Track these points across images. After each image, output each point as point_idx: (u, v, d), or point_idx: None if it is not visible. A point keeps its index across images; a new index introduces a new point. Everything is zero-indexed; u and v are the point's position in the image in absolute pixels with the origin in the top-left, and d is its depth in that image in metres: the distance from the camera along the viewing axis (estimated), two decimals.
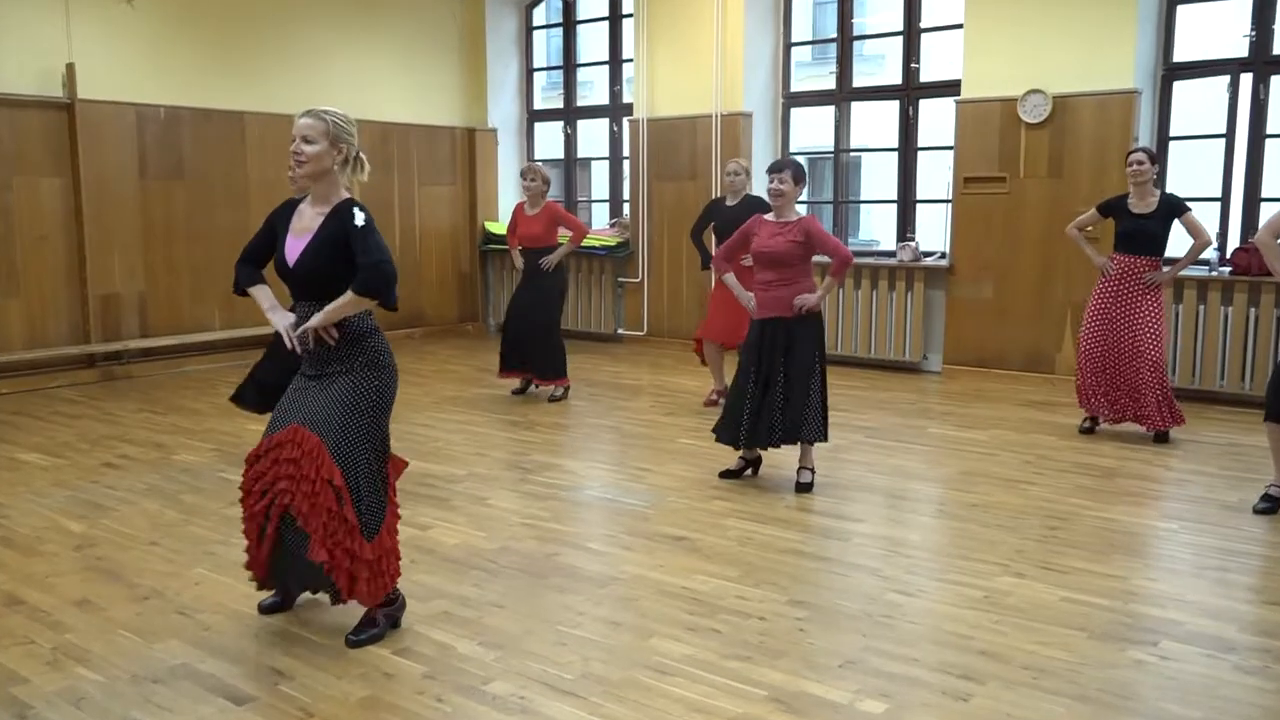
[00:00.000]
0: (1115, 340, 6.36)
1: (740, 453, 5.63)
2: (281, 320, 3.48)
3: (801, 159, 14.96)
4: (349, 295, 3.33)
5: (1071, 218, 7.23)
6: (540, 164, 7.69)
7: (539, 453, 6.22)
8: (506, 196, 11.48)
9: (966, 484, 5.55)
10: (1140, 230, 6.28)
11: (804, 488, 5.35)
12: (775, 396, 5.23)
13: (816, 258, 5.46)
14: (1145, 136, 7.99)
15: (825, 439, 5.36)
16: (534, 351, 7.56)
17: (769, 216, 5.37)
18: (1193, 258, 6.20)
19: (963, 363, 8.72)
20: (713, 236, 7.46)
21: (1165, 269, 6.34)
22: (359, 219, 3.36)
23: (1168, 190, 7.02)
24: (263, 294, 3.57)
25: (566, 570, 4.24)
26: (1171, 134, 8.09)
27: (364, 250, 3.32)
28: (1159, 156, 7.53)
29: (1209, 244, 6.18)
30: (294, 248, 3.43)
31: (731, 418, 5.42)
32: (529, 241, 7.55)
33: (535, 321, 7.53)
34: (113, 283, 8.72)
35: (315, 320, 3.38)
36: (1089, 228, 6.80)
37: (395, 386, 3.50)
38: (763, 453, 5.70)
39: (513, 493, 5.37)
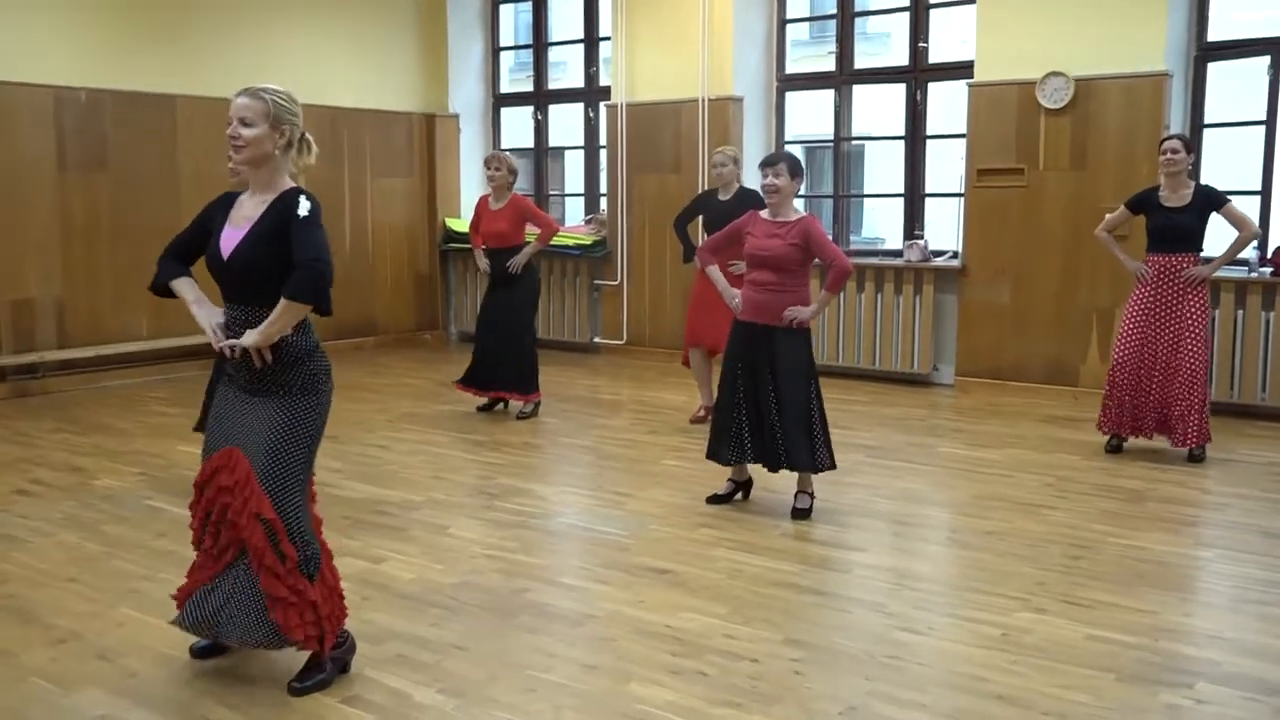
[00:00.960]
0: (1156, 350, 6.43)
1: (730, 475, 5.65)
2: (208, 316, 3.45)
3: (798, 149, 15.04)
4: (282, 304, 3.30)
5: (1096, 213, 7.27)
6: (506, 153, 7.71)
7: (506, 476, 6.21)
8: (470, 190, 11.50)
9: (981, 509, 5.57)
10: (1174, 225, 6.34)
11: (801, 514, 5.37)
12: (769, 415, 5.25)
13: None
14: (1177, 123, 8.06)
15: (833, 465, 5.40)
16: (504, 364, 7.58)
17: (764, 214, 5.39)
18: (1239, 249, 6.28)
19: (977, 374, 8.75)
20: (701, 232, 7.48)
21: (1206, 265, 6.40)
22: (304, 208, 3.32)
23: (1203, 182, 7.06)
24: (186, 286, 3.51)
25: (536, 608, 4.23)
26: (1206, 120, 8.16)
27: (300, 245, 3.28)
28: (1193, 145, 7.55)
29: (1256, 235, 6.24)
30: (230, 239, 3.40)
31: (723, 432, 5.43)
32: (494, 240, 7.56)
33: (507, 332, 7.55)
34: (26, 287, 8.67)
35: (249, 340, 3.35)
36: (1119, 227, 6.84)
37: (328, 409, 3.49)
38: (753, 474, 5.73)
39: (476, 521, 5.35)
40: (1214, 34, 8.14)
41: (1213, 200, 6.32)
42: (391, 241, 11.16)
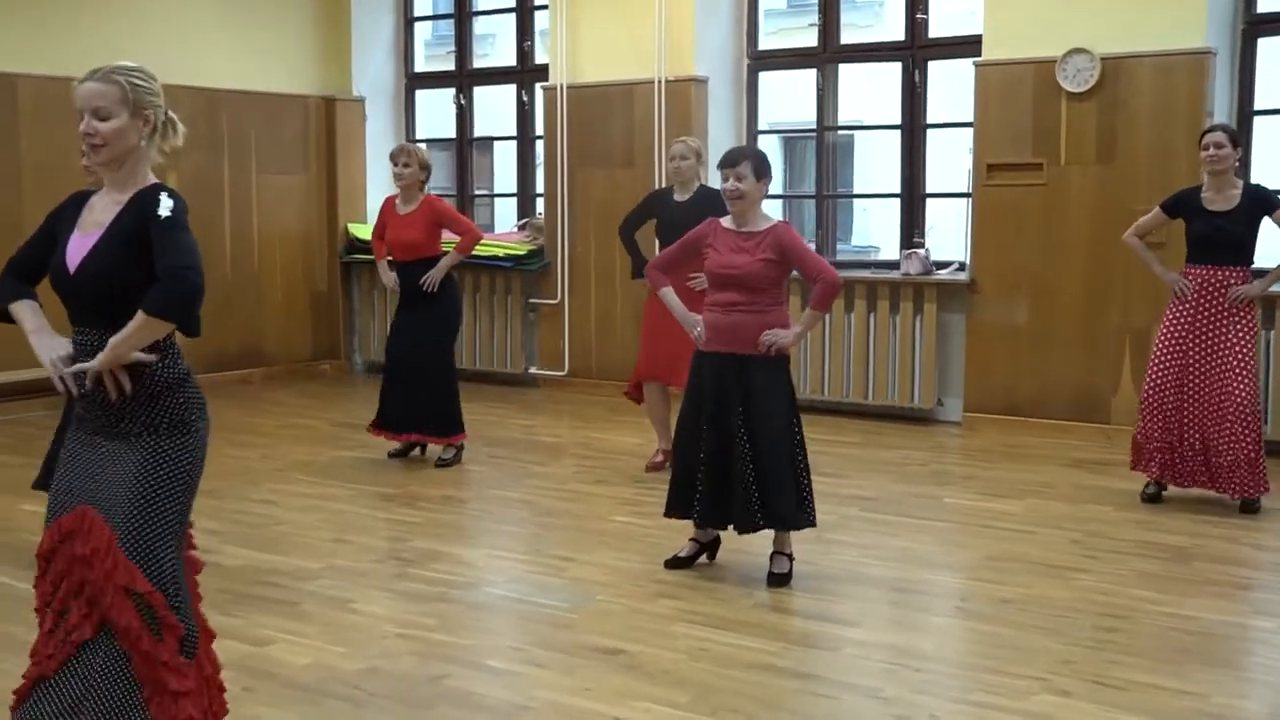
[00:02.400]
0: (1195, 379, 6.49)
1: (693, 534, 5.64)
2: (50, 349, 3.37)
3: (773, 141, 15.14)
4: (139, 318, 3.25)
5: (1128, 215, 7.31)
6: (417, 145, 7.70)
7: (422, 537, 6.17)
8: (378, 189, 11.35)
9: (995, 572, 5.58)
10: (1220, 232, 6.39)
11: (779, 580, 5.37)
12: (742, 465, 5.25)
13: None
14: (1222, 110, 8.14)
15: (813, 523, 5.43)
16: (419, 401, 7.56)
17: (727, 223, 5.41)
18: None
19: (989, 410, 8.75)
20: (655, 241, 7.50)
21: (1256, 282, 6.46)
22: (165, 208, 3.27)
23: (1252, 181, 7.17)
24: (27, 311, 3.44)
25: (458, 697, 4.20)
26: (1256, 107, 8.31)
27: (163, 251, 3.23)
28: (1241, 136, 7.63)
29: None
30: (78, 248, 3.34)
31: (683, 485, 5.44)
32: (403, 251, 7.54)
33: (421, 363, 7.53)
34: None
35: (99, 359, 3.29)
36: (1153, 232, 6.90)
37: (205, 453, 3.46)
38: (721, 533, 5.72)
39: (386, 593, 5.32)
40: (1265, 3, 8.24)
41: (1264, 202, 6.38)
42: (282, 252, 11.07)
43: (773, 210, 11.83)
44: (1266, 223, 6.42)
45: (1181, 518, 6.42)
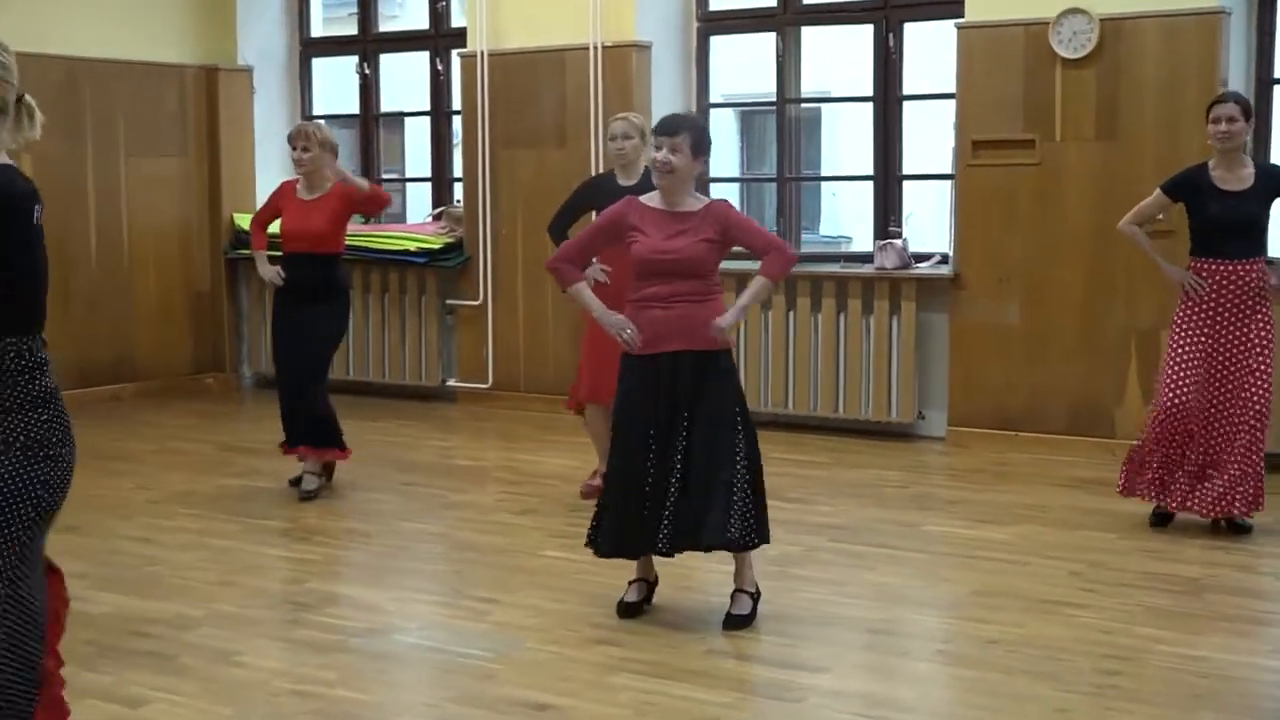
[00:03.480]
0: (1216, 391, 6.54)
1: (637, 571, 5.60)
2: None
3: (725, 116, 15.01)
4: None
5: (1133, 199, 7.15)
6: (319, 124, 7.67)
7: (321, 578, 6.16)
8: (268, 174, 11.29)
9: (983, 609, 5.59)
10: (1235, 216, 6.42)
11: (738, 622, 5.35)
12: (676, 478, 5.25)
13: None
14: (1237, 78, 8.18)
15: (767, 539, 5.41)
16: (305, 417, 7.56)
17: (651, 201, 5.43)
18: None
19: (977, 423, 8.77)
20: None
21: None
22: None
23: (1271, 160, 7.31)
24: None
25: None
26: (1277, 74, 8.37)
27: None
28: (1258, 106, 7.74)
29: None
30: None
31: (620, 513, 5.39)
32: (306, 242, 7.49)
33: (310, 366, 7.54)
34: None
35: None
36: (1157, 218, 6.93)
37: (69, 483, 3.43)
38: (674, 567, 5.67)
39: (278, 643, 5.29)
40: None
41: (1278, 182, 6.49)
42: (157, 248, 10.99)
43: (731, 193, 11.72)
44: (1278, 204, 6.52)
45: (1192, 545, 6.46)
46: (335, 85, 11.78)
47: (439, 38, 11.04)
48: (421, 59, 11.22)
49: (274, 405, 7.80)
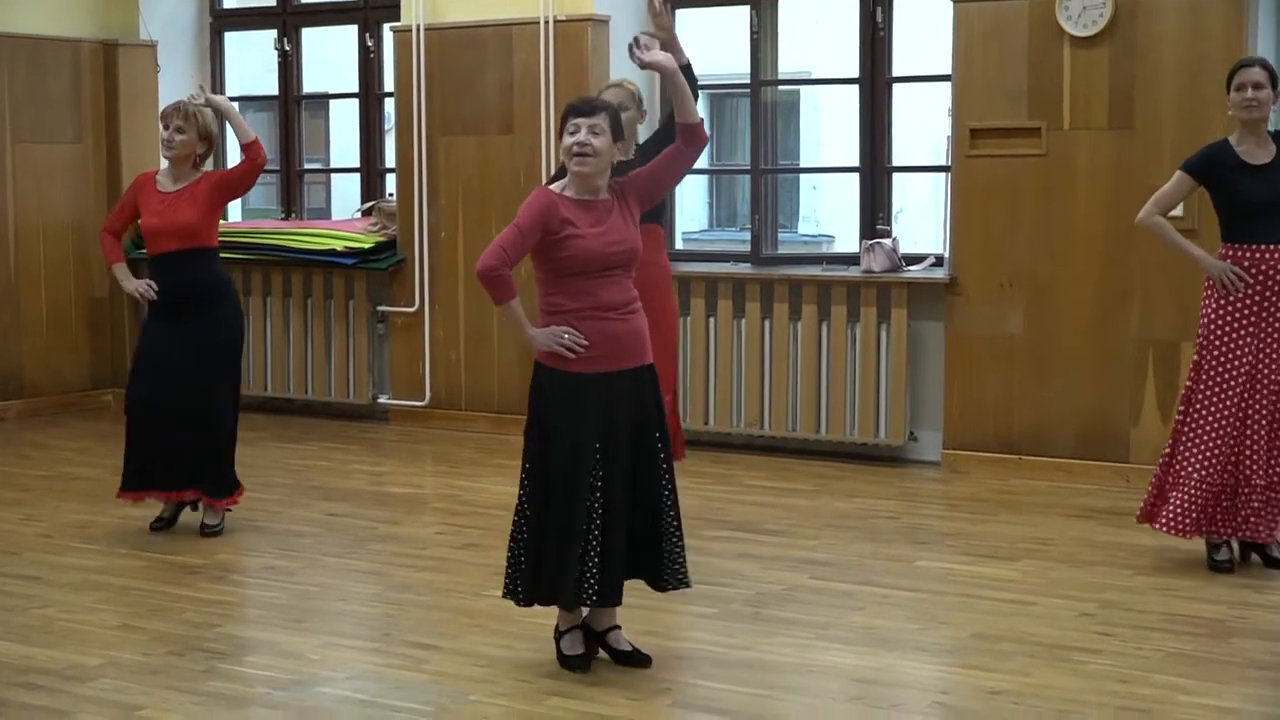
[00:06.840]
0: (1262, 398, 6.53)
1: (569, 619, 5.57)
2: None
3: (692, 99, 15.15)
4: None
5: (1149, 193, 7.22)
6: (198, 104, 7.41)
7: (237, 622, 6.23)
8: None
9: (986, 656, 5.60)
10: (1273, 191, 6.44)
11: (639, 659, 5.45)
12: (627, 511, 5.33)
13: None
14: (1267, 51, 8.10)
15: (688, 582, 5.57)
16: (192, 448, 7.37)
17: (566, 191, 5.34)
18: None
19: (975, 446, 8.76)
20: None
21: None
22: None
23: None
24: None
25: None
26: None
27: None
28: None
29: None
30: None
31: (553, 559, 5.33)
32: (173, 239, 7.33)
33: (197, 396, 7.32)
34: None
35: None
36: (1178, 205, 6.97)
37: None
38: (640, 609, 5.78)
39: (187, 696, 5.24)
40: None
41: None
42: (48, 248, 10.97)
43: (699, 187, 11.87)
44: None
45: (1217, 583, 6.47)
46: (251, 63, 12.15)
47: (369, 9, 11.04)
48: (349, 33, 11.27)
49: None
